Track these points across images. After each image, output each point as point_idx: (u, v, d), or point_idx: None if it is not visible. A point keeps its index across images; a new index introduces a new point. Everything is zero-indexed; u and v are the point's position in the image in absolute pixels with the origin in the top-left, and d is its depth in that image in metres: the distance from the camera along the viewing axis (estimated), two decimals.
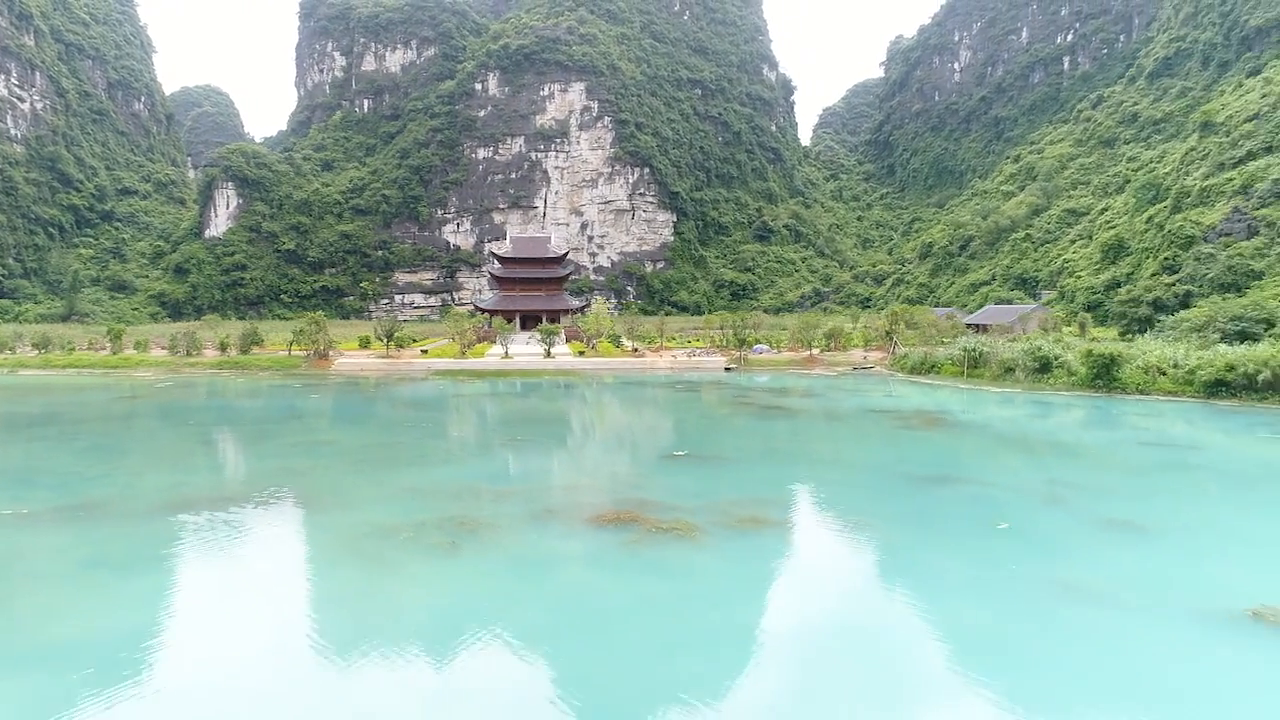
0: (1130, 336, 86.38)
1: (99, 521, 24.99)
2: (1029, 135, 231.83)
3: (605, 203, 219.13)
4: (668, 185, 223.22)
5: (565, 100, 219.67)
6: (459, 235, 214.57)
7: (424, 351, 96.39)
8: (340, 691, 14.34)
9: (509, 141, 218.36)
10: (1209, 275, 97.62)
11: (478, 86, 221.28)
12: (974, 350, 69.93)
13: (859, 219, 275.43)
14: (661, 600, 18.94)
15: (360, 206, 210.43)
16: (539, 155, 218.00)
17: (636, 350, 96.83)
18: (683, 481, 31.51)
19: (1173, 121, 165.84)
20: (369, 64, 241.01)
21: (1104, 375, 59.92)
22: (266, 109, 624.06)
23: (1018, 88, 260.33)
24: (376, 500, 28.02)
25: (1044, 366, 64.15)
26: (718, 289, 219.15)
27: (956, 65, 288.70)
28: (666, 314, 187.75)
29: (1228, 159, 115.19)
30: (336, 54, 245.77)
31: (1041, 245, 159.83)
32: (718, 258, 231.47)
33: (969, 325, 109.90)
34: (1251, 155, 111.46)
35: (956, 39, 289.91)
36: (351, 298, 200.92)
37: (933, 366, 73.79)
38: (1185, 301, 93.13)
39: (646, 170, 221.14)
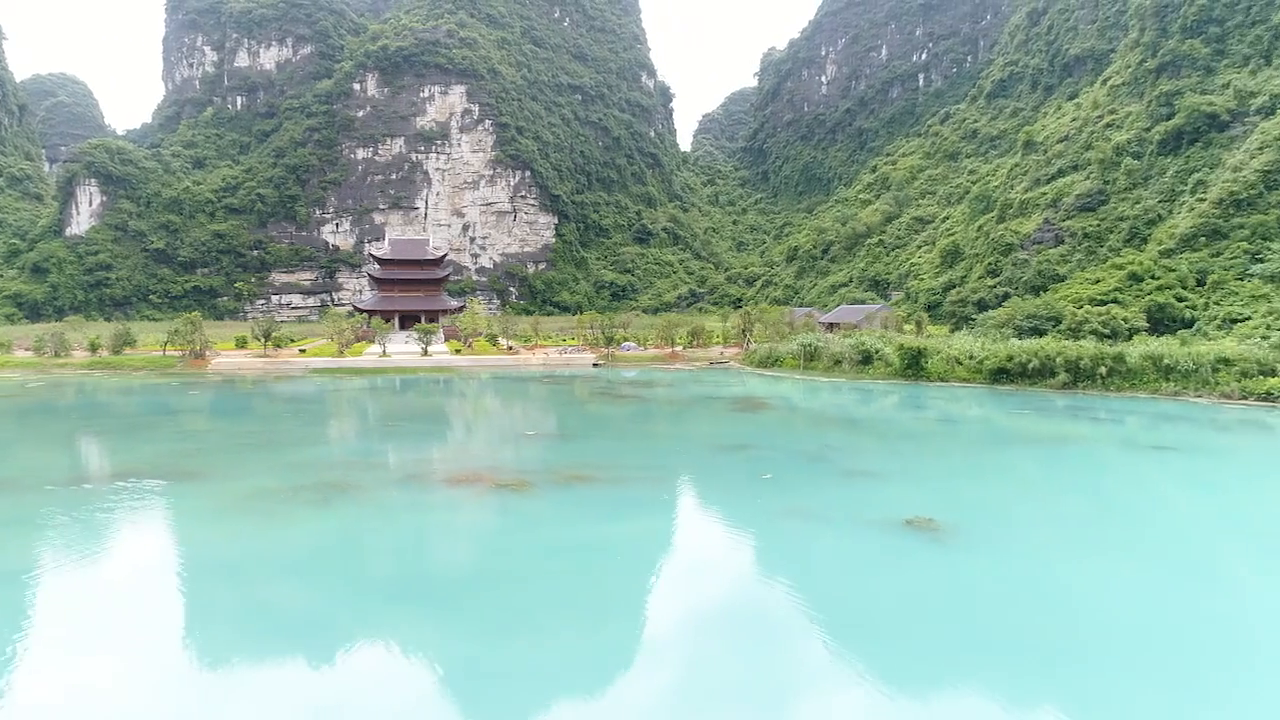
0: (956, 332, 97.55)
1: (8, 494, 28.97)
2: (887, 147, 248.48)
3: (487, 204, 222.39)
4: (549, 188, 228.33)
5: (446, 103, 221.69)
6: (338, 235, 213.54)
7: (302, 351, 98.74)
8: (228, 597, 19.68)
9: (389, 142, 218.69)
10: (1023, 278, 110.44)
11: (356, 87, 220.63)
12: (810, 346, 78.59)
13: (734, 223, 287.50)
14: (493, 528, 24.94)
15: (234, 206, 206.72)
16: (420, 156, 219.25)
17: (511, 348, 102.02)
18: (529, 453, 37.51)
19: (1006, 139, 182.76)
20: (242, 60, 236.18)
21: (913, 366, 69.30)
22: (127, 100, 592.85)
23: (878, 101, 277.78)
24: (258, 473, 32.78)
25: (866, 359, 73.26)
26: (598, 289, 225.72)
27: (824, 78, 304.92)
28: (548, 314, 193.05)
29: (1043, 175, 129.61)
30: (207, 49, 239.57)
31: (893, 250, 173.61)
32: (598, 259, 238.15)
33: (823, 324, 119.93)
34: (1061, 172, 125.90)
35: (823, 53, 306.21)
36: (226, 298, 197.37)
37: (777, 360, 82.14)
38: (1002, 301, 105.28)
39: (528, 173, 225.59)
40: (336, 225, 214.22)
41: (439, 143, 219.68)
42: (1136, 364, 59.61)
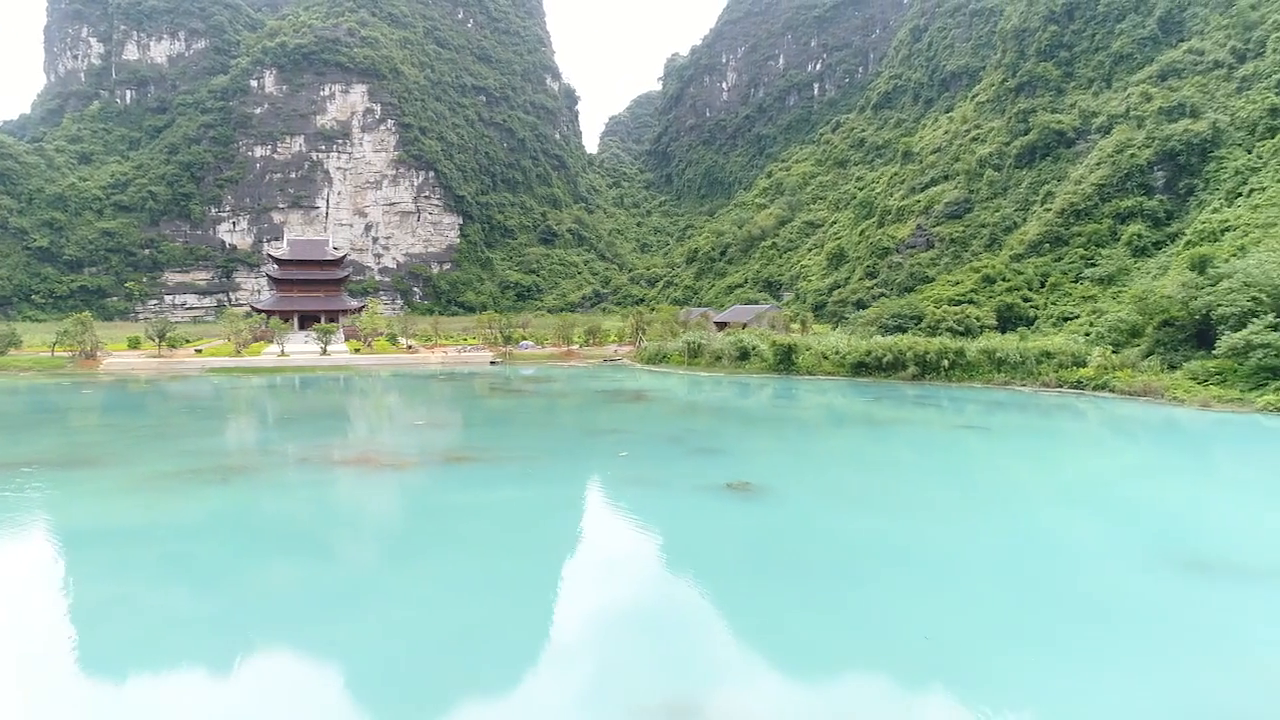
0: (834, 330, 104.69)
1: None
2: (783, 153, 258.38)
3: (390, 204, 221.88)
4: (453, 189, 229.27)
5: (347, 101, 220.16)
6: (235, 234, 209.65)
7: (198, 351, 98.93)
8: (135, 556, 23.08)
9: (288, 140, 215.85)
10: (897, 280, 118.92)
11: (254, 83, 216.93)
12: (693, 343, 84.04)
13: (639, 225, 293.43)
14: (373, 498, 28.78)
15: (124, 203, 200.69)
16: (320, 155, 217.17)
17: (411, 347, 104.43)
18: (416, 439, 41.23)
19: (890, 148, 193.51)
20: (131, 53, 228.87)
21: (785, 361, 75.38)
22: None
23: (776, 109, 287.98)
24: (158, 459, 35.54)
25: (743, 355, 79.06)
26: (503, 290, 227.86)
27: (725, 85, 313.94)
28: (453, 314, 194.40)
29: (918, 184, 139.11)
30: (93, 40, 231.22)
31: (785, 253, 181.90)
32: (503, 260, 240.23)
33: (717, 323, 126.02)
34: (934, 181, 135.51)
35: (724, 61, 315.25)
36: (116, 299, 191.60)
37: (664, 357, 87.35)
38: (877, 301, 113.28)
39: (431, 173, 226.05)
40: (234, 224, 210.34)
41: (340, 142, 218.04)
42: (975, 357, 66.94)
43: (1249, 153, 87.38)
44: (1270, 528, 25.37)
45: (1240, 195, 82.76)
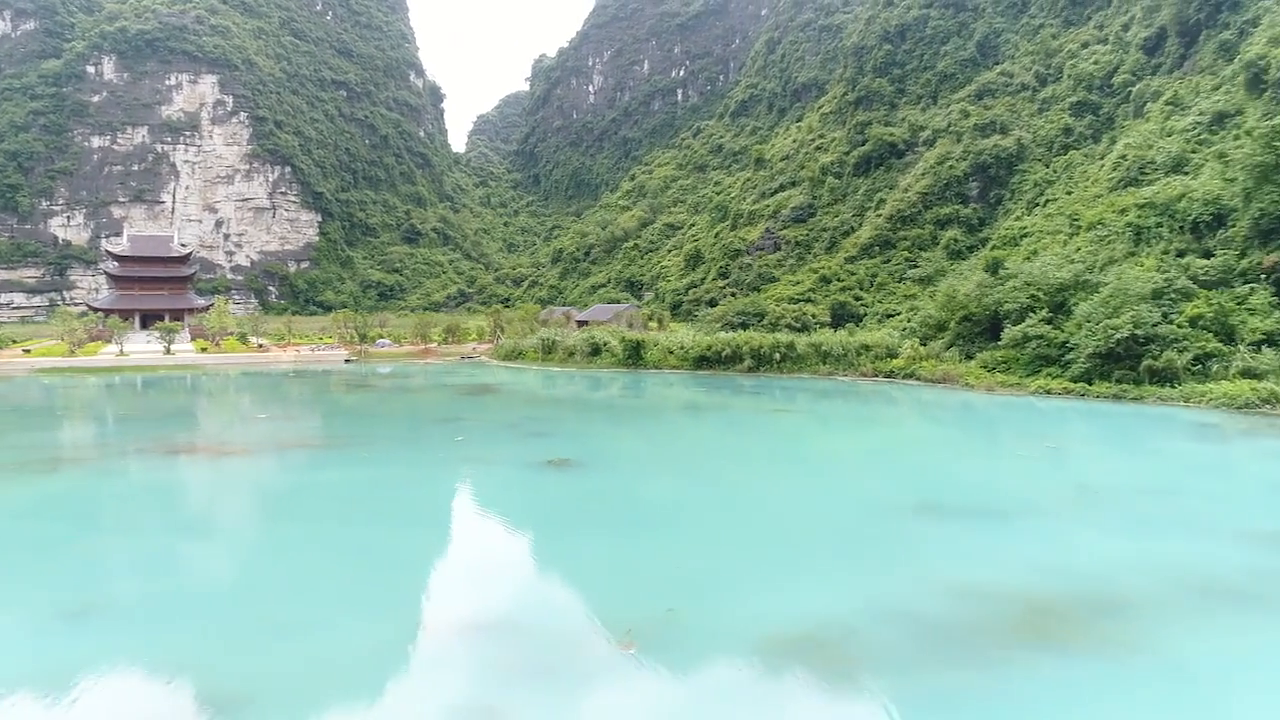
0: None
1: None
2: (646, 156, 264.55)
3: (243, 200, 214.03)
4: (311, 185, 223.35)
5: (195, 92, 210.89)
6: (70, 230, 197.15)
7: (26, 351, 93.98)
8: None
9: (130, 131, 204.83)
10: (746, 280, 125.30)
11: (90, 69, 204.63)
12: (547, 340, 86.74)
13: (506, 224, 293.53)
14: (201, 480, 30.10)
15: None
16: (166, 148, 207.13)
17: (262, 346, 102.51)
18: (257, 430, 42.18)
19: (745, 155, 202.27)
20: None
21: (634, 356, 79.10)
22: None
23: (641, 113, 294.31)
24: None
25: (595, 351, 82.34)
26: (365, 289, 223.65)
27: (591, 88, 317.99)
28: (312, 314, 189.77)
29: (768, 189, 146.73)
30: None
31: (647, 254, 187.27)
32: (365, 259, 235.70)
33: (579, 322, 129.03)
34: (782, 187, 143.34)
35: (591, 64, 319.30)
36: None
37: (520, 354, 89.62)
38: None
39: (288, 169, 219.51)
40: (68, 218, 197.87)
41: (188, 134, 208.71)
42: (804, 351, 72.52)
43: (1046, 167, 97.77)
44: (1001, 481, 30.41)
45: (1037, 205, 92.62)
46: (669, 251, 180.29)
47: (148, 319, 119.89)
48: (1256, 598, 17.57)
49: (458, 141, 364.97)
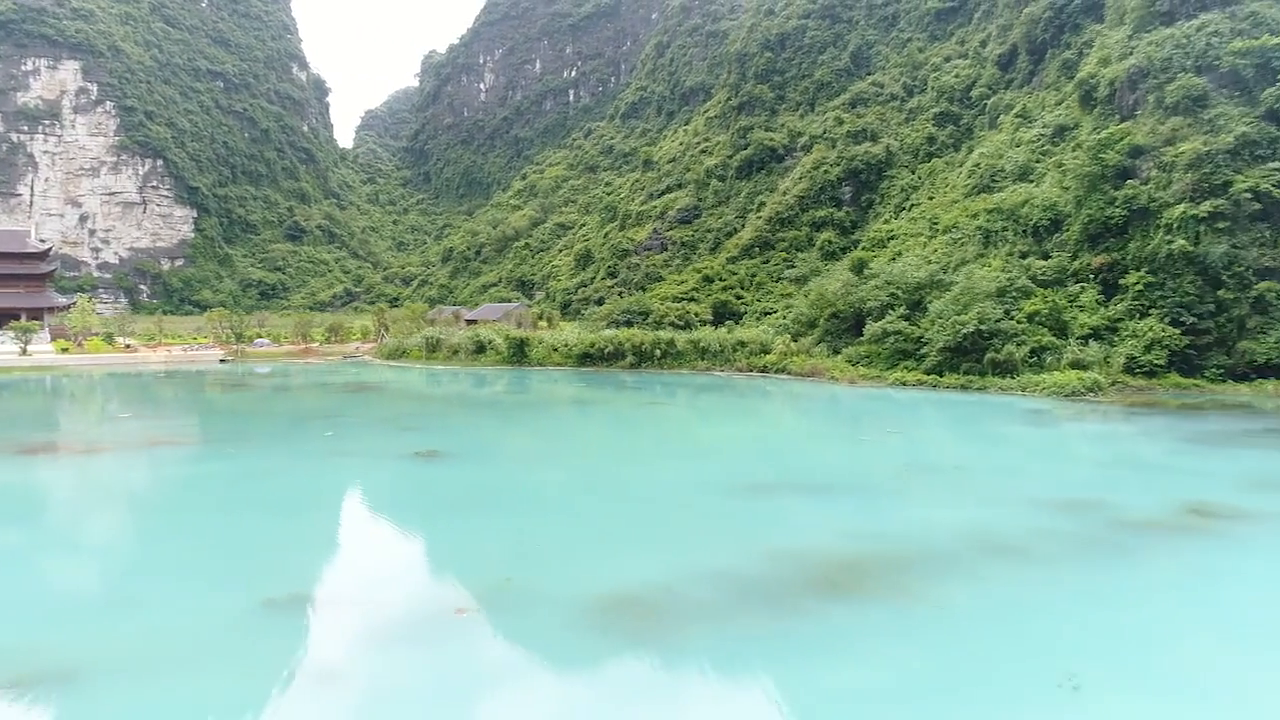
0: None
1: None
2: (538, 156, 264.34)
3: (110, 194, 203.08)
4: (185, 179, 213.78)
5: (55, 79, 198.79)
6: None
7: None
8: None
9: None
10: (634, 280, 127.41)
11: None
12: (431, 338, 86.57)
13: (395, 223, 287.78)
14: (69, 477, 29.62)
15: None
16: (22, 137, 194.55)
17: (130, 346, 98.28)
18: (118, 429, 41.23)
19: (636, 156, 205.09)
20: None
21: (518, 353, 79.90)
22: None
23: (533, 112, 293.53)
24: None
25: (480, 349, 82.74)
26: (245, 288, 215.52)
27: (482, 86, 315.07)
28: (188, 313, 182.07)
29: (655, 190, 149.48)
30: None
31: (538, 253, 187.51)
32: (245, 256, 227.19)
33: (468, 321, 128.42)
34: (669, 189, 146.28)
35: (482, 61, 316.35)
36: None
37: (404, 352, 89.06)
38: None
39: (160, 162, 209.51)
40: None
41: (48, 123, 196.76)
42: (683, 347, 75.02)
43: (912, 173, 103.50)
44: (840, 463, 32.95)
45: (904, 209, 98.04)
46: (560, 251, 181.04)
47: (2, 318, 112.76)
48: (1027, 553, 20.19)
49: (344, 137, 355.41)
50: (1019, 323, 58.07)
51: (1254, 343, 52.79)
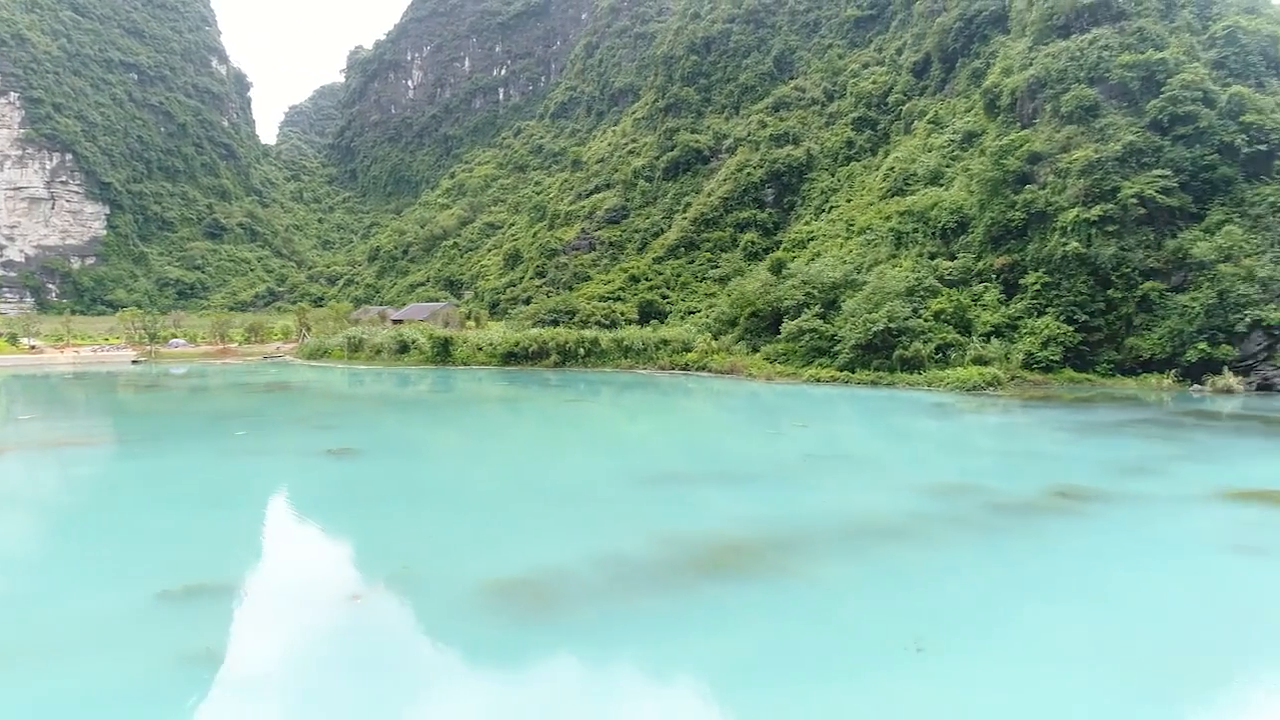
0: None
1: None
2: (468, 154, 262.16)
3: (15, 189, 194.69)
4: (97, 174, 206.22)
5: None
6: None
7: None
8: None
9: None
10: (562, 279, 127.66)
11: None
12: (354, 338, 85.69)
13: (320, 221, 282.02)
14: None
15: None
16: None
17: (35, 347, 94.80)
18: (18, 430, 40.14)
19: (565, 156, 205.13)
20: None
21: (443, 353, 79.68)
22: None
23: (463, 110, 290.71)
24: None
25: (403, 348, 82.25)
26: (162, 288, 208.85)
27: (410, 83, 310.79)
28: (100, 313, 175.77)
29: (584, 190, 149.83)
30: None
31: (466, 252, 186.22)
32: (162, 255, 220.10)
33: (394, 320, 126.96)
34: (598, 189, 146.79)
35: (409, 58, 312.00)
36: None
37: (326, 352, 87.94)
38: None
39: (69, 156, 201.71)
40: None
41: None
42: (608, 346, 75.83)
43: (832, 176, 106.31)
44: (745, 454, 34.14)
45: (824, 211, 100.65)
46: (489, 250, 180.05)
47: None
48: (903, 533, 21.56)
49: (268, 133, 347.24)
50: (926, 321, 60.45)
51: (1140, 339, 56.04)
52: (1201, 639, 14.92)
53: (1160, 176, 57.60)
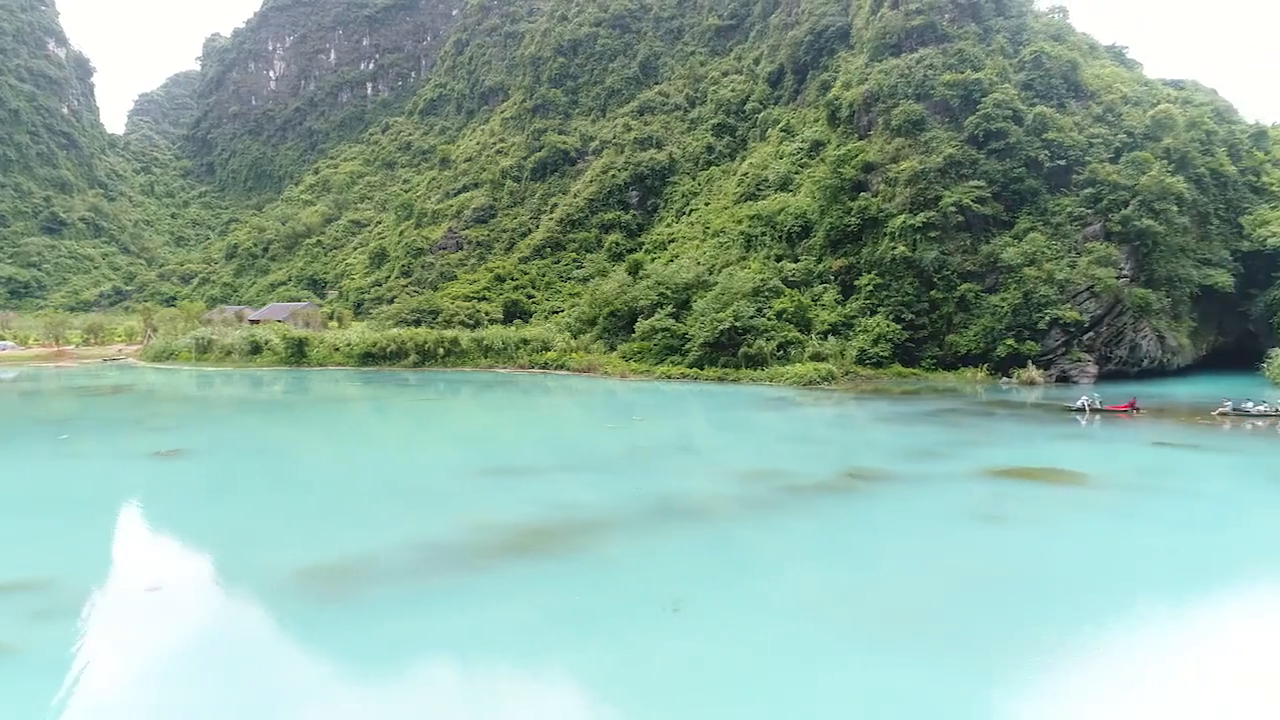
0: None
1: None
2: (334, 150, 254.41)
3: None
4: None
5: None
6: None
7: None
8: None
9: None
10: (429, 279, 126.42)
11: None
12: (203, 339, 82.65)
13: (174, 216, 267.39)
14: None
15: None
16: None
17: None
18: None
19: (434, 154, 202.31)
20: None
21: (297, 353, 77.94)
22: None
23: (328, 104, 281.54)
24: None
25: (256, 349, 79.96)
26: None
27: (272, 74, 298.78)
28: None
29: (452, 189, 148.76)
30: None
31: (330, 251, 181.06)
32: None
33: (252, 320, 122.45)
34: (466, 188, 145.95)
35: (271, 48, 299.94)
36: None
37: (173, 354, 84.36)
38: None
39: None
40: None
41: None
42: (468, 346, 76.12)
43: (693, 179, 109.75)
44: (579, 447, 35.75)
45: (684, 214, 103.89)
46: (354, 249, 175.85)
47: None
48: (700, 513, 23.63)
49: (115, 122, 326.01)
50: (770, 320, 63.83)
51: (958, 336, 61.07)
52: (925, 591, 17.41)
53: (976, 187, 62.90)
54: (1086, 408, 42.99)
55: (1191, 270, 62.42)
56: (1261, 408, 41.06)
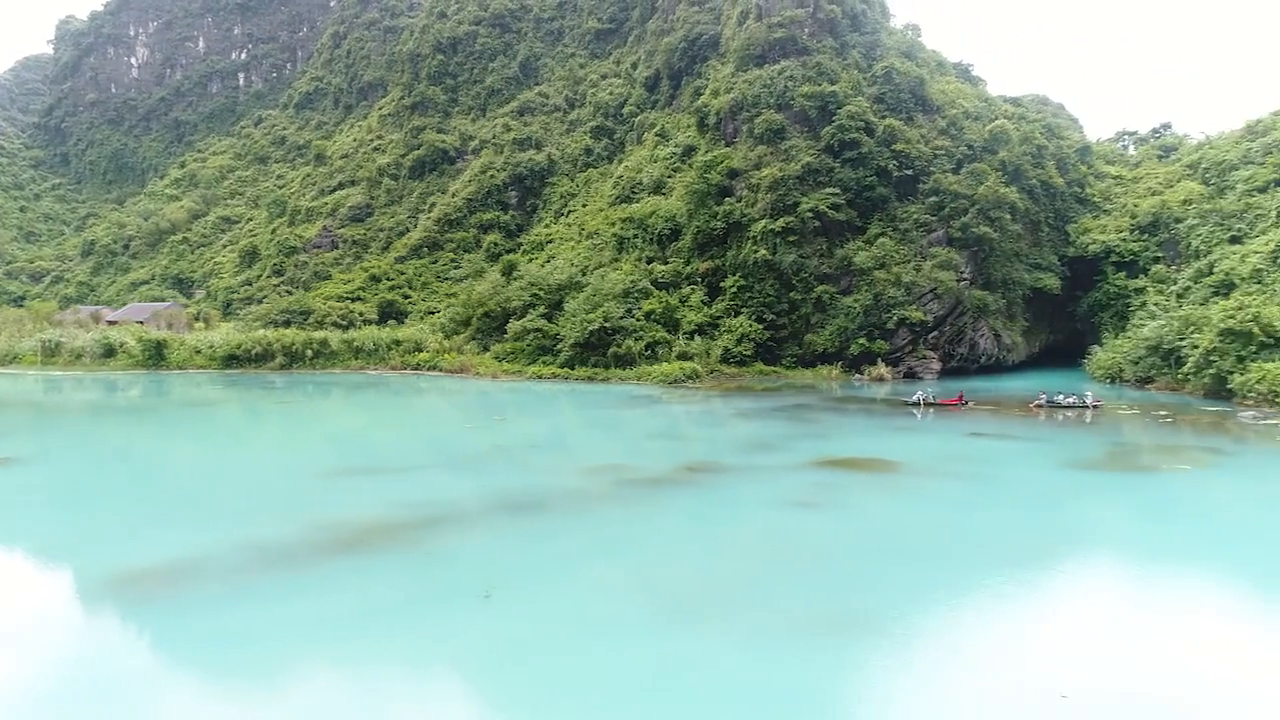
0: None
1: None
2: (203, 142, 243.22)
3: None
4: None
5: None
6: None
7: None
8: None
9: None
10: (302, 278, 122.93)
11: None
12: (50, 341, 78.38)
13: (23, 210, 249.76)
14: None
15: None
16: None
17: None
18: None
19: (309, 149, 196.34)
20: None
21: (155, 356, 74.98)
22: None
23: (197, 94, 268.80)
24: None
25: (109, 352, 76.45)
26: None
27: (134, 61, 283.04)
28: None
29: (327, 186, 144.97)
30: None
31: (198, 248, 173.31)
32: None
33: (110, 321, 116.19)
34: (341, 185, 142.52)
35: (133, 33, 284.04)
36: None
37: (16, 358, 79.66)
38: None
39: None
40: None
41: None
42: (338, 347, 75.05)
43: (571, 181, 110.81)
44: (436, 447, 36.30)
45: (563, 215, 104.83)
46: (224, 247, 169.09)
47: None
48: (539, 508, 24.70)
49: None
50: (639, 320, 65.64)
51: (816, 335, 64.35)
52: (724, 571, 19.01)
53: (832, 194, 66.34)
54: (922, 402, 46.33)
55: (1024, 274, 67.76)
56: (1070, 399, 45.28)
